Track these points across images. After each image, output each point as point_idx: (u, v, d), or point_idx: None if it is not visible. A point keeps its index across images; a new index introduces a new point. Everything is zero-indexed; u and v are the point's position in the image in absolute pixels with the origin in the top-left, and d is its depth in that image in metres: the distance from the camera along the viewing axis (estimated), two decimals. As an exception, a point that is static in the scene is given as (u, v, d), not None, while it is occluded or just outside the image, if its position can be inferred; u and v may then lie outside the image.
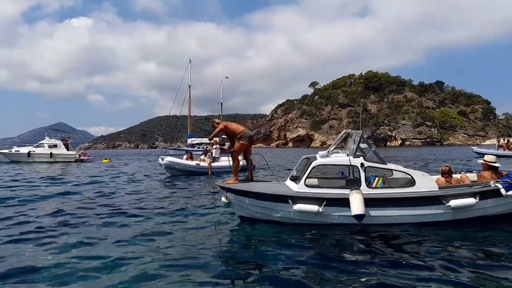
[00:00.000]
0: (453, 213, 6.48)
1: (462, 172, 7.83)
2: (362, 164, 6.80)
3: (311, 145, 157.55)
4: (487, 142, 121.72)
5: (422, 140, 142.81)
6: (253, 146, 8.85)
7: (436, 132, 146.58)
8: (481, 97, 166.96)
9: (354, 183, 6.86)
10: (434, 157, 38.86)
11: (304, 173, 7.15)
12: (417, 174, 6.83)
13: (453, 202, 6.36)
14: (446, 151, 62.26)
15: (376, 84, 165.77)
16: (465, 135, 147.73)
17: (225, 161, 19.01)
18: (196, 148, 69.68)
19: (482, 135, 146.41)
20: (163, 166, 19.73)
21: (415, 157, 40.37)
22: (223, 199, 7.81)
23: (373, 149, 7.52)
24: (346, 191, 6.60)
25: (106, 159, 46.18)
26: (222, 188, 7.86)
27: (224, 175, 18.01)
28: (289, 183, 7.55)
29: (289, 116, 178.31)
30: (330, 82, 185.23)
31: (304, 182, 7.02)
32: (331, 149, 7.80)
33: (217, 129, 8.66)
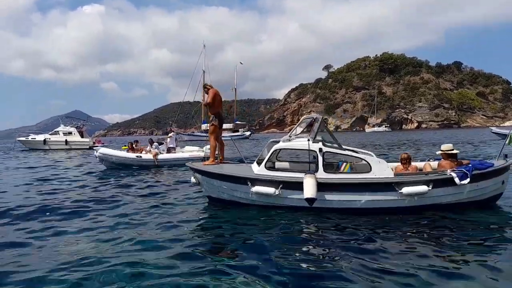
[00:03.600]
0: (406, 200, 6.48)
1: (431, 160, 7.77)
2: (320, 149, 6.90)
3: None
4: (507, 123, 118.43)
5: (439, 123, 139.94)
6: (266, 131, 8.80)
7: (453, 114, 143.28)
8: (501, 77, 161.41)
9: (313, 168, 6.90)
10: (449, 140, 38.03)
11: (265, 156, 7.40)
12: (373, 161, 6.84)
13: (406, 189, 6.35)
14: (463, 133, 60.92)
15: (391, 66, 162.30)
16: (484, 117, 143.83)
17: (186, 151, 18.15)
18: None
19: (501, 117, 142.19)
20: (97, 158, 16.96)
21: (427, 139, 39.63)
22: (192, 179, 8.40)
23: (331, 133, 7.80)
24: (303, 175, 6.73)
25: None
26: (191, 168, 8.38)
27: (172, 168, 15.93)
28: (254, 166, 7.71)
29: (303, 100, 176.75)
30: (344, 65, 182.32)
31: (265, 165, 7.25)
32: (293, 133, 7.89)
33: (210, 96, 8.90)
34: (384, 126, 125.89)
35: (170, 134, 19.25)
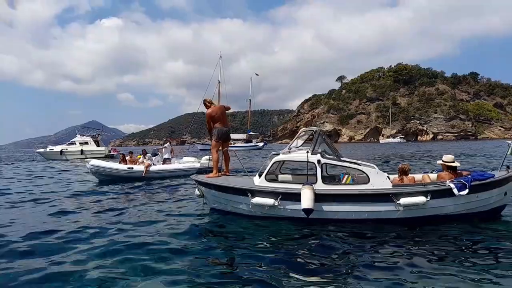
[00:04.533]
0: (404, 211, 6.46)
1: (434, 172, 7.69)
2: (319, 161, 6.99)
3: (339, 140, 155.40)
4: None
5: (456, 134, 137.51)
6: (280, 142, 8.94)
7: (470, 125, 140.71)
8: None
9: (312, 180, 6.97)
10: (464, 151, 37.37)
11: (265, 168, 7.53)
12: (371, 172, 6.88)
13: (404, 200, 6.35)
14: (480, 145, 59.79)
15: (406, 77, 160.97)
16: (502, 128, 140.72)
17: (185, 163, 17.32)
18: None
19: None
20: (89, 170, 16.04)
21: (441, 151, 38.92)
22: (196, 191, 8.52)
23: (330, 145, 7.90)
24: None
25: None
26: (195, 181, 8.55)
27: (157, 182, 14.73)
28: (255, 178, 7.82)
29: (316, 111, 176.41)
30: (358, 76, 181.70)
31: (265, 176, 7.39)
32: (293, 145, 8.02)
33: (207, 118, 9.04)
34: (398, 137, 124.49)
35: (165, 145, 18.56)
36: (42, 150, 41.85)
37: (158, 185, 13.79)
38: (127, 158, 17.09)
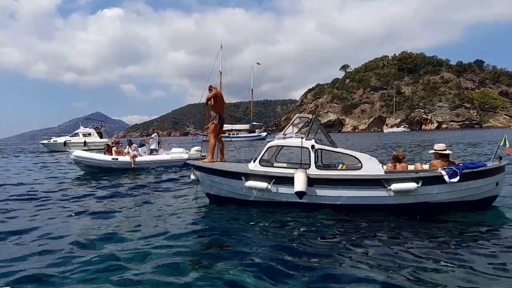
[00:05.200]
0: (395, 197, 6.50)
1: (427, 164, 7.66)
2: (312, 146, 7.09)
3: (342, 130, 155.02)
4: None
5: (460, 123, 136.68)
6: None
7: (475, 114, 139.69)
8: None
9: (306, 165, 7.07)
10: (468, 140, 37.04)
11: (259, 153, 7.66)
12: (364, 158, 6.92)
13: (395, 186, 6.40)
14: (484, 133, 59.42)
15: (410, 65, 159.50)
16: (507, 117, 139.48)
17: (173, 153, 17.06)
18: (226, 135, 70.70)
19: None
20: (73, 161, 15.79)
21: (445, 140, 38.62)
22: (192, 176, 8.53)
23: (324, 133, 8.01)
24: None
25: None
26: (191, 165, 8.61)
27: (151, 172, 15.05)
28: (250, 163, 7.89)
29: (320, 101, 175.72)
30: (362, 65, 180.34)
31: (259, 161, 7.51)
32: (287, 131, 8.06)
33: (212, 93, 9.16)
34: (403, 126, 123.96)
35: (152, 135, 18.00)
36: (45, 141, 42.10)
37: (145, 176, 13.80)
38: (114, 149, 16.58)
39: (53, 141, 41.48)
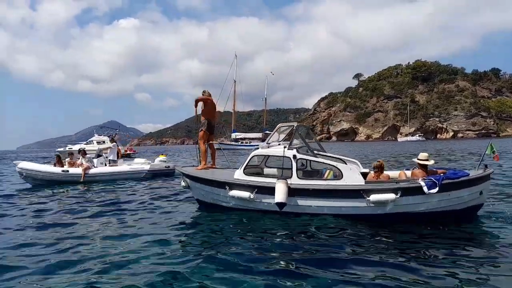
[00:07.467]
0: (374, 207, 6.52)
1: (415, 168, 7.35)
2: (294, 156, 7.17)
3: (356, 138, 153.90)
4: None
5: (477, 132, 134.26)
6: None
7: (492, 123, 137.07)
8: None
9: (288, 174, 7.15)
10: (477, 150, 36.11)
11: (244, 162, 7.77)
12: (345, 168, 6.95)
13: (373, 197, 6.41)
14: (501, 143, 58.31)
15: (425, 73, 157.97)
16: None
17: (133, 164, 15.93)
18: (239, 143, 71.32)
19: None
20: (18, 174, 14.38)
21: (463, 150, 37.95)
22: (182, 183, 8.82)
23: (310, 141, 8.02)
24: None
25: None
26: (181, 173, 8.88)
27: (101, 185, 13.53)
28: (236, 171, 7.99)
29: (333, 109, 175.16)
30: (375, 73, 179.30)
31: (243, 170, 7.63)
32: (271, 139, 8.21)
33: (203, 97, 9.35)
34: (417, 135, 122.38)
35: (110, 145, 16.43)
36: (61, 149, 43.29)
37: (100, 189, 12.56)
38: (67, 159, 15.20)
39: (69, 148, 42.62)
